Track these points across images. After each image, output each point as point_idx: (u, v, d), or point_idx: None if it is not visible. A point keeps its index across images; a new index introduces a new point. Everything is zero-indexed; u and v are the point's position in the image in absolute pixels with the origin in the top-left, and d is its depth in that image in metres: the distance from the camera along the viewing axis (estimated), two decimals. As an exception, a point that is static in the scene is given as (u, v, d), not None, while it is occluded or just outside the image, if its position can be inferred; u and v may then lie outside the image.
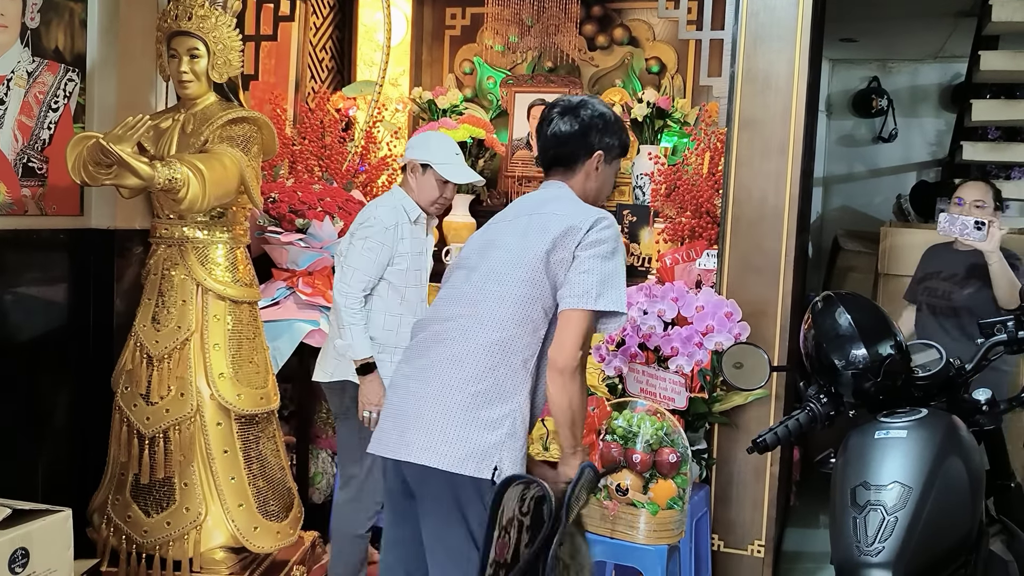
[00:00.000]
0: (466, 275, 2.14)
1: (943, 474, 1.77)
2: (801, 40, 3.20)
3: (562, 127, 2.16)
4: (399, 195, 3.06)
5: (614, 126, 2.19)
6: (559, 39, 4.33)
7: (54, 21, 3.03)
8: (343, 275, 2.96)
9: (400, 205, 3.02)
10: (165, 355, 2.97)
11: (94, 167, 2.76)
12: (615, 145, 2.20)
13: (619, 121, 2.23)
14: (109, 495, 3.03)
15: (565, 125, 2.15)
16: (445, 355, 2.05)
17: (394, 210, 2.99)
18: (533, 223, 2.09)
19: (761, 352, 2.19)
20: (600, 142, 2.16)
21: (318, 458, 3.86)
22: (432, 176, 3.03)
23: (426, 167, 3.02)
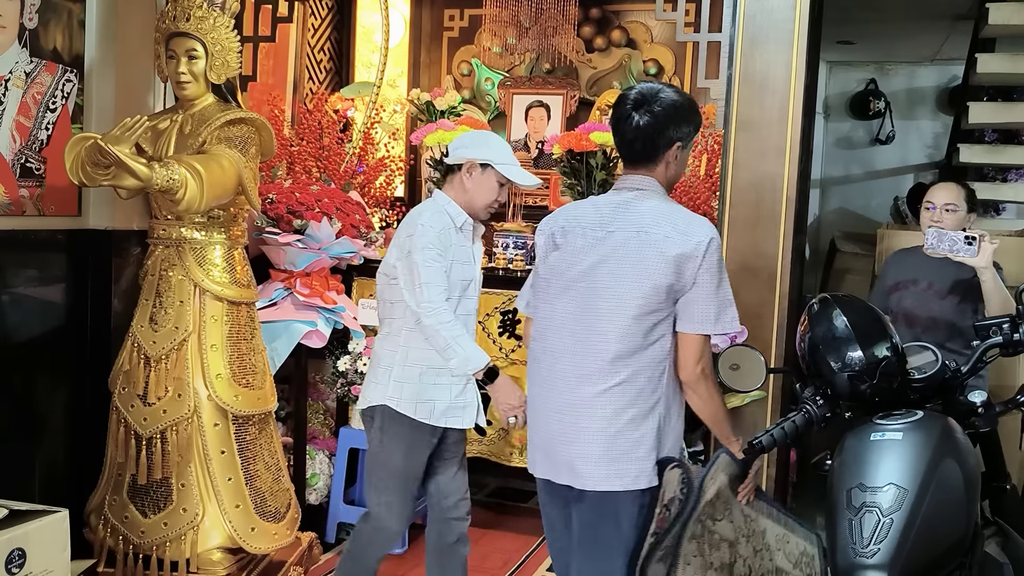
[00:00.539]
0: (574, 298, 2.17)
1: (939, 476, 1.78)
2: (798, 42, 3.21)
3: (641, 121, 2.15)
4: (442, 200, 2.76)
5: (687, 112, 2.20)
6: (557, 41, 4.34)
7: (52, 22, 3.03)
8: (419, 296, 2.60)
9: (444, 210, 2.73)
10: (163, 356, 2.97)
11: (92, 168, 2.77)
12: (690, 131, 2.22)
13: (691, 104, 2.23)
14: (106, 496, 3.03)
15: (644, 119, 2.15)
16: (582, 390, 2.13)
17: (439, 215, 2.72)
18: (647, 251, 2.10)
19: (758, 354, 2.19)
20: (677, 132, 2.18)
21: (315, 459, 3.86)
22: (492, 177, 2.75)
23: (486, 167, 2.73)
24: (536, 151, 4.65)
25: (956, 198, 3.11)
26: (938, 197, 3.14)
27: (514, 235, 4.25)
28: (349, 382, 3.70)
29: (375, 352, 2.79)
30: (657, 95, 2.15)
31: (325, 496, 3.85)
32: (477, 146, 2.77)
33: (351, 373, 3.71)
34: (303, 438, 3.80)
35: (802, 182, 3.39)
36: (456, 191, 2.76)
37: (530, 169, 4.61)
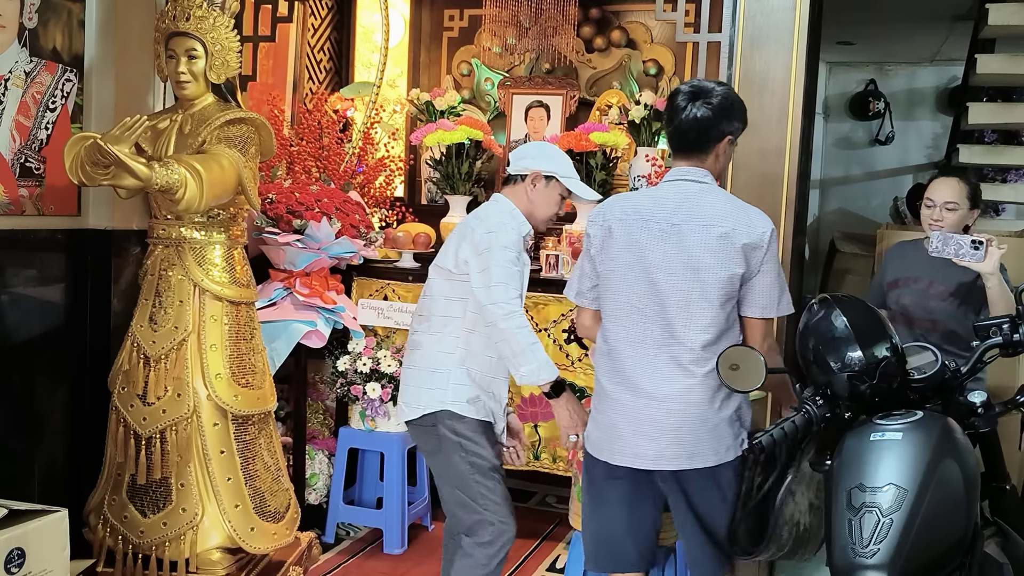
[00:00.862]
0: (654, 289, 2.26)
1: (938, 476, 1.78)
2: (798, 43, 3.21)
3: (698, 113, 2.26)
4: (508, 206, 2.71)
5: (739, 110, 2.33)
6: (557, 41, 4.34)
7: (52, 21, 3.03)
8: (495, 295, 2.51)
9: (512, 215, 2.69)
10: (162, 355, 2.97)
11: (92, 167, 2.77)
12: (739, 128, 2.35)
13: (741, 102, 2.35)
14: (105, 495, 3.03)
15: (700, 111, 2.26)
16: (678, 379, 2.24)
17: (514, 218, 2.68)
18: (722, 242, 2.23)
19: (757, 354, 2.19)
20: (729, 126, 2.30)
21: (315, 459, 3.86)
22: (556, 190, 2.74)
23: (550, 179, 2.72)
24: (536, 151, 4.64)
25: (957, 195, 2.98)
26: (938, 194, 3.00)
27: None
28: (349, 382, 3.71)
29: (423, 353, 2.67)
30: (712, 90, 2.28)
31: (324, 496, 3.85)
32: (543, 158, 2.74)
33: (351, 373, 3.71)
34: (303, 438, 3.80)
35: (802, 182, 3.40)
36: (519, 200, 2.73)
37: (530, 169, 4.62)
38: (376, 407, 3.67)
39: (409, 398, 2.70)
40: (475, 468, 2.60)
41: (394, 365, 3.67)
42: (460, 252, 2.63)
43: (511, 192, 2.74)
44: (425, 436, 2.68)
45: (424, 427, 2.66)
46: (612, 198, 2.42)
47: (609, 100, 4.48)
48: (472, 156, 4.39)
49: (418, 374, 2.68)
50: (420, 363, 2.69)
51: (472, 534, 2.63)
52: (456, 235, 2.70)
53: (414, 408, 2.67)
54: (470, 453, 2.60)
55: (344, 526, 3.90)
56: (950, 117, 6.34)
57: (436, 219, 4.39)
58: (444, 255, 2.69)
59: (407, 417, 2.70)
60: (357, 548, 3.77)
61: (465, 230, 2.67)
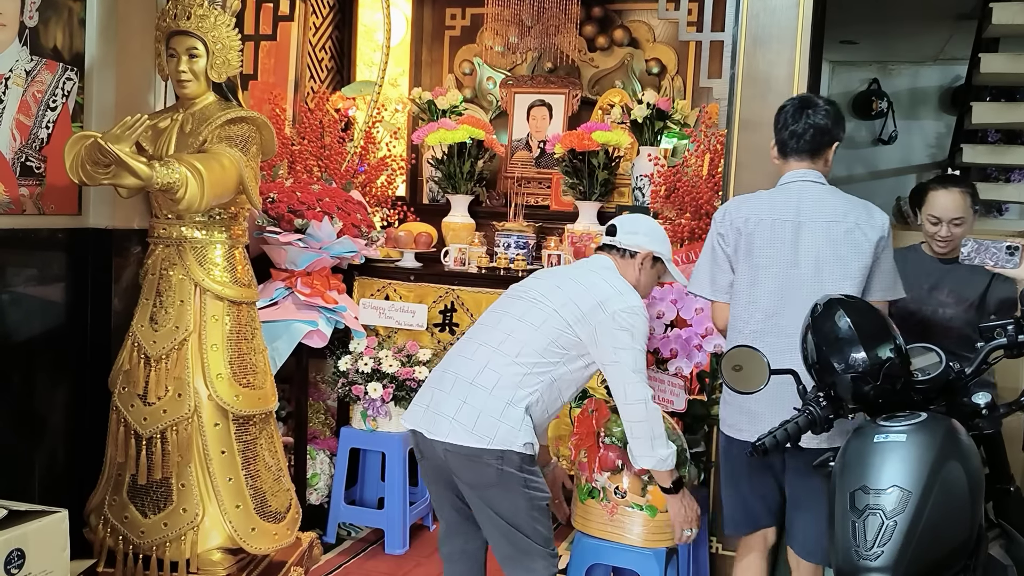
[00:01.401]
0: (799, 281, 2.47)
1: (942, 478, 1.76)
2: (801, 42, 3.20)
3: (816, 118, 2.52)
4: (624, 283, 2.65)
5: (843, 119, 2.61)
6: (559, 40, 4.33)
7: (52, 20, 3.02)
8: (636, 386, 2.49)
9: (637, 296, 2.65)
10: (163, 355, 2.96)
11: (92, 166, 2.76)
12: (842, 136, 2.62)
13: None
14: (106, 496, 3.02)
15: (818, 117, 2.52)
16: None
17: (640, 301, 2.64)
18: (855, 236, 2.47)
19: (761, 355, 2.18)
20: (838, 132, 2.58)
21: (316, 459, 3.85)
22: (658, 272, 2.77)
23: (658, 261, 2.73)
24: (538, 150, 4.64)
25: (963, 209, 2.94)
26: (942, 210, 2.95)
27: (516, 235, 4.24)
28: (350, 382, 3.70)
29: (500, 382, 2.46)
30: (819, 101, 2.56)
31: (326, 496, 3.85)
32: (656, 240, 2.74)
33: (352, 373, 3.70)
34: (304, 438, 3.79)
35: (805, 182, 3.38)
36: (628, 275, 2.69)
37: (531, 168, 4.62)
38: (377, 407, 3.66)
39: (468, 421, 2.43)
40: (533, 502, 2.50)
41: (395, 365, 3.66)
42: (590, 316, 2.51)
43: (622, 266, 2.70)
44: (477, 468, 2.44)
45: (481, 460, 2.43)
46: (734, 201, 2.65)
47: (611, 99, 4.47)
48: (474, 155, 4.39)
49: (491, 402, 2.45)
50: (493, 390, 2.46)
51: (519, 566, 2.53)
52: (581, 290, 2.57)
53: (478, 437, 2.41)
54: (532, 488, 2.48)
55: (345, 526, 3.89)
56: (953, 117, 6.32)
57: (438, 218, 4.39)
58: (559, 298, 2.55)
59: (463, 443, 2.42)
60: (358, 548, 3.76)
61: (596, 293, 2.55)
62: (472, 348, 2.55)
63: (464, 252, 4.12)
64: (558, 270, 2.79)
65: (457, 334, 3.91)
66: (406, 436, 3.74)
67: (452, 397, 2.48)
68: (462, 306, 3.91)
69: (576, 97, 4.60)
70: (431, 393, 2.55)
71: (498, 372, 2.47)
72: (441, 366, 2.62)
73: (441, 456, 2.48)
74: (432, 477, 2.62)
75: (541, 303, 2.56)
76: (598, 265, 2.70)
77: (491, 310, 2.68)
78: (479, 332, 2.61)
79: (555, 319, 2.52)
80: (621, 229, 2.73)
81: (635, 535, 2.73)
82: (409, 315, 3.83)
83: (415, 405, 2.59)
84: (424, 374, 3.69)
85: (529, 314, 2.55)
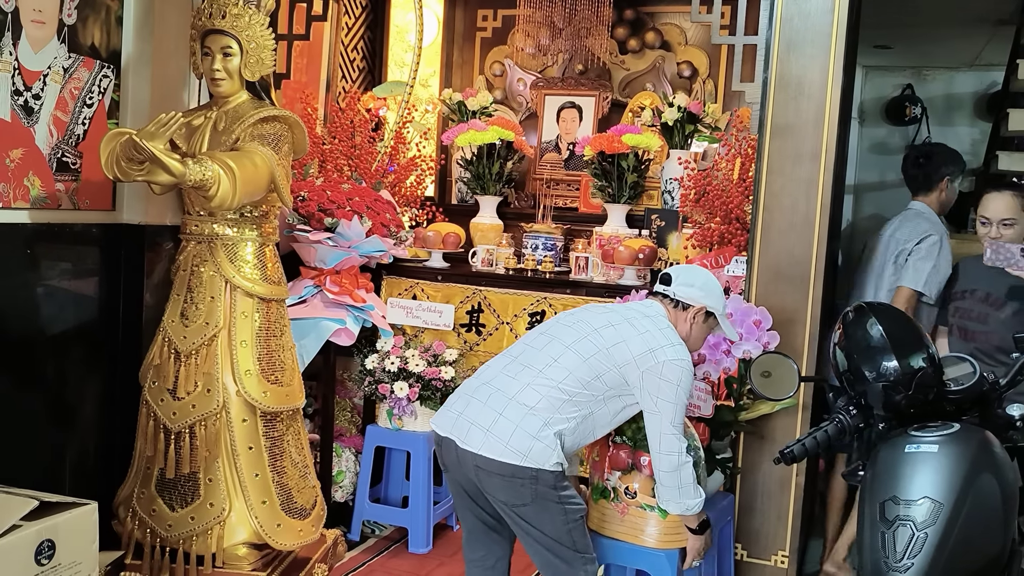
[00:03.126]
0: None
1: (975, 490, 1.74)
2: (836, 46, 3.17)
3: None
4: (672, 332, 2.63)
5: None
6: (590, 42, 4.33)
7: (90, 18, 3.06)
8: (670, 439, 2.49)
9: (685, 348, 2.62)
10: (193, 351, 2.99)
11: (127, 163, 2.79)
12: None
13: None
14: (135, 489, 3.05)
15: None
16: None
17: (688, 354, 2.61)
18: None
19: (791, 362, 2.16)
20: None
21: (342, 456, 3.87)
22: (710, 326, 2.73)
23: (710, 315, 2.69)
24: (567, 152, 4.63)
25: (1013, 210, 3.00)
26: (993, 211, 3.04)
27: (544, 236, 4.23)
28: (376, 380, 3.71)
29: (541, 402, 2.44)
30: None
31: (351, 494, 3.86)
32: (711, 295, 2.68)
33: (378, 372, 3.71)
34: (330, 435, 3.81)
35: (837, 187, 3.35)
36: (680, 327, 2.65)
37: (560, 170, 4.62)
38: (403, 406, 3.67)
39: (503, 435, 2.41)
40: (570, 515, 2.49)
41: (422, 365, 3.67)
42: (640, 361, 2.50)
43: (674, 316, 2.67)
44: (511, 487, 2.43)
45: (515, 479, 2.41)
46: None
47: (642, 102, 4.46)
48: (503, 157, 4.39)
49: (528, 420, 2.42)
50: (533, 408, 2.44)
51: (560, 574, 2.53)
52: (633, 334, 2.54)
53: (512, 452, 2.39)
54: (567, 503, 2.48)
55: (370, 524, 3.90)
56: (989, 123, 6.23)
57: (466, 219, 4.40)
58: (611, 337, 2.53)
59: (496, 457, 2.40)
60: (382, 546, 3.77)
61: (648, 340, 2.53)
62: (516, 368, 2.52)
63: (492, 253, 4.12)
64: (612, 307, 2.75)
65: (483, 335, 3.92)
66: (431, 436, 3.74)
67: (488, 409, 2.46)
68: (489, 307, 3.92)
69: (606, 99, 4.59)
70: (466, 401, 2.52)
71: (540, 393, 2.45)
72: (479, 377, 2.59)
73: (471, 470, 2.46)
74: (455, 487, 2.61)
75: (592, 338, 2.53)
76: (653, 311, 2.65)
77: (540, 332, 2.64)
78: (525, 353, 2.57)
79: (604, 356, 2.50)
80: (676, 280, 2.67)
81: (648, 536, 2.69)
82: (436, 315, 3.84)
83: (447, 410, 2.56)
84: (450, 374, 3.70)
85: (579, 344, 2.52)
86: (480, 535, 2.65)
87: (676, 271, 2.72)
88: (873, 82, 7.02)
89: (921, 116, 6.86)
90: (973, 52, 6.22)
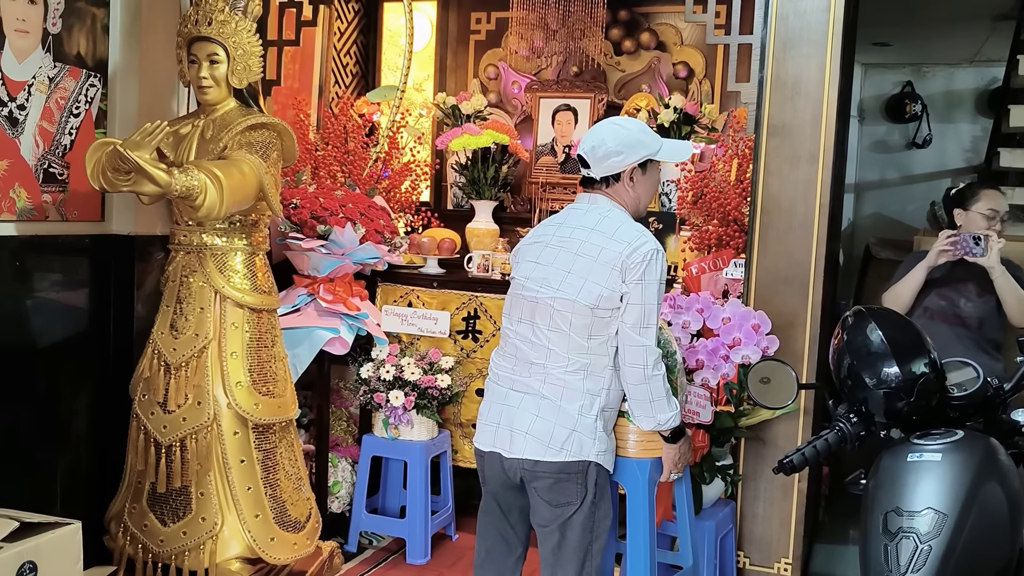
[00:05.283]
0: None
1: (980, 500, 1.69)
2: (832, 45, 3.12)
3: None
4: (627, 215, 2.45)
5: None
6: (585, 43, 4.28)
7: (76, 26, 3.02)
8: (649, 337, 2.32)
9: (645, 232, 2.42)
10: (183, 363, 2.95)
11: (112, 173, 2.76)
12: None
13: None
14: (126, 503, 3.01)
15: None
16: None
17: (651, 236, 2.41)
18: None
19: (789, 369, 2.11)
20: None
21: (338, 467, 3.82)
22: (653, 173, 2.49)
23: (645, 164, 2.45)
24: (563, 155, 4.58)
25: (1004, 206, 3.30)
26: (1000, 205, 3.28)
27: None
28: (372, 389, 3.66)
29: (567, 395, 2.33)
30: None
31: (347, 504, 3.81)
32: (633, 146, 2.41)
33: (374, 380, 3.66)
34: (325, 445, 3.76)
35: (836, 187, 3.31)
36: (625, 201, 2.46)
37: (556, 174, 4.57)
38: (399, 415, 3.62)
39: (543, 434, 2.32)
40: (602, 527, 2.39)
41: (417, 373, 3.62)
42: (606, 282, 2.31)
43: (613, 193, 2.44)
44: (558, 484, 2.33)
45: (563, 473, 2.32)
46: None
47: (638, 103, 4.41)
48: (498, 160, 4.35)
49: (562, 414, 2.32)
50: (561, 400, 2.33)
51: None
52: (579, 260, 2.36)
53: (555, 450, 2.30)
54: (602, 509, 2.38)
55: (367, 535, 3.85)
56: (990, 120, 6.18)
57: (462, 224, 4.35)
58: (569, 286, 2.34)
59: (540, 457, 2.31)
60: (380, 557, 3.72)
61: (600, 252, 2.34)
62: (525, 368, 2.40)
63: (488, 259, 4.07)
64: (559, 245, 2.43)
65: (480, 341, 3.87)
66: (428, 445, 3.71)
67: (523, 412, 2.37)
68: (485, 313, 3.87)
69: (602, 101, 4.54)
70: (499, 410, 2.42)
71: (559, 385, 2.34)
72: (500, 382, 2.47)
73: (519, 475, 2.37)
74: (489, 503, 2.53)
75: (560, 302, 2.35)
76: (593, 218, 2.41)
77: (518, 319, 2.43)
78: (525, 350, 2.40)
79: (580, 311, 2.32)
80: (591, 158, 2.42)
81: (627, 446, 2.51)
82: (432, 322, 3.79)
83: (484, 425, 2.45)
84: (447, 382, 3.65)
85: (555, 319, 2.35)
86: (496, 555, 2.55)
87: (586, 146, 2.44)
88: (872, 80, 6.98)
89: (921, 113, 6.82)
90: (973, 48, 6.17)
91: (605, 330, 2.35)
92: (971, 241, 3.07)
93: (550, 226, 2.51)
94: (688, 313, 3.05)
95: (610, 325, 2.34)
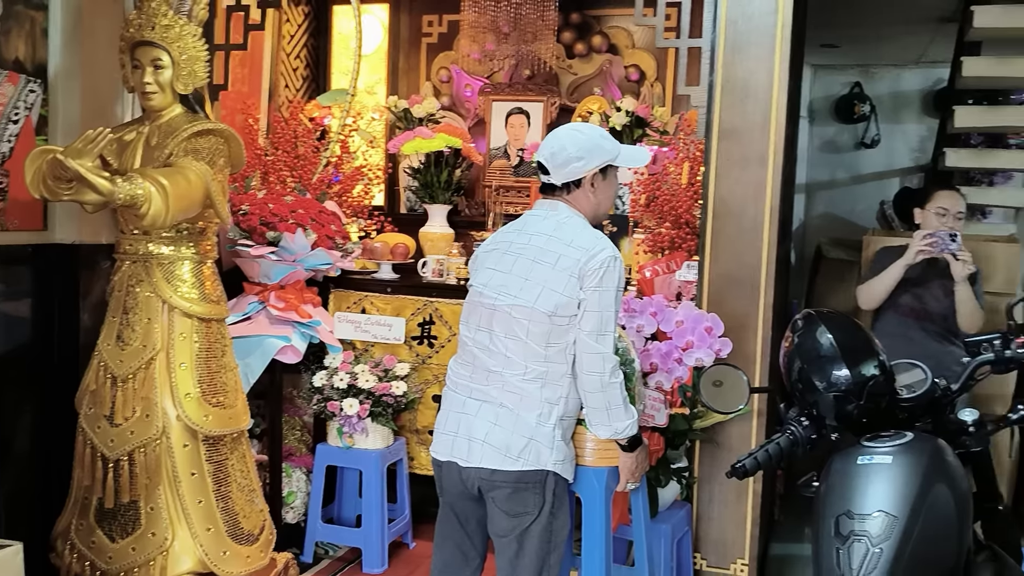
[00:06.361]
0: None
1: (929, 502, 1.71)
2: (781, 48, 3.14)
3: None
4: (584, 222, 2.44)
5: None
6: (537, 47, 4.26)
7: (14, 31, 2.94)
8: (607, 345, 2.32)
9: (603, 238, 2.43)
10: (130, 375, 2.88)
11: (53, 182, 2.69)
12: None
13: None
14: (73, 520, 2.93)
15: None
16: None
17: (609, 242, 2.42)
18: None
19: (740, 373, 2.12)
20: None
21: (292, 476, 3.77)
22: (612, 178, 2.51)
23: (604, 170, 2.47)
24: (517, 159, 4.57)
25: (962, 205, 3.46)
26: (951, 204, 3.44)
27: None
28: (325, 398, 3.62)
29: (525, 403, 2.33)
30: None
31: (302, 514, 3.76)
32: (592, 152, 2.42)
33: (327, 389, 3.62)
34: (279, 455, 3.71)
35: (786, 188, 3.34)
36: (584, 207, 2.45)
37: (510, 178, 4.55)
38: (354, 423, 3.58)
39: (500, 443, 2.32)
40: (560, 537, 2.39)
41: (372, 380, 3.58)
42: (564, 289, 2.30)
43: (573, 199, 2.44)
44: (516, 494, 2.33)
45: (521, 483, 2.32)
46: None
47: (590, 106, 4.41)
48: (451, 164, 4.32)
49: (519, 422, 2.32)
50: (518, 409, 2.33)
51: None
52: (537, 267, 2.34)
53: (512, 459, 2.31)
54: (559, 519, 2.38)
55: (323, 545, 3.81)
56: (936, 120, 6.29)
57: (415, 228, 4.32)
58: (528, 293, 2.32)
59: (497, 467, 2.31)
60: (336, 567, 3.68)
61: (558, 259, 2.33)
62: (483, 376, 2.39)
63: (442, 263, 4.05)
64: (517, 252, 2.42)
65: (436, 347, 3.84)
66: (383, 453, 3.67)
67: (480, 420, 2.36)
68: (440, 318, 3.84)
69: (555, 104, 4.54)
70: (456, 419, 2.41)
71: (517, 392, 2.34)
72: (458, 390, 2.45)
73: (476, 485, 2.36)
74: (446, 513, 2.51)
75: (518, 309, 2.34)
76: (551, 224, 2.40)
77: (479, 327, 2.41)
78: (483, 358, 2.39)
79: (538, 318, 2.31)
80: (550, 165, 2.42)
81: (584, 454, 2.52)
82: (386, 328, 3.75)
83: (441, 434, 2.44)
84: (402, 389, 3.61)
85: (514, 327, 2.34)
86: (454, 567, 2.53)
87: (545, 152, 2.43)
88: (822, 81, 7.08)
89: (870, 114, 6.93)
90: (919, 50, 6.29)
91: (563, 338, 2.33)
92: (947, 238, 3.29)
93: (508, 233, 2.51)
94: (642, 316, 3.06)
95: (568, 333, 2.34)
